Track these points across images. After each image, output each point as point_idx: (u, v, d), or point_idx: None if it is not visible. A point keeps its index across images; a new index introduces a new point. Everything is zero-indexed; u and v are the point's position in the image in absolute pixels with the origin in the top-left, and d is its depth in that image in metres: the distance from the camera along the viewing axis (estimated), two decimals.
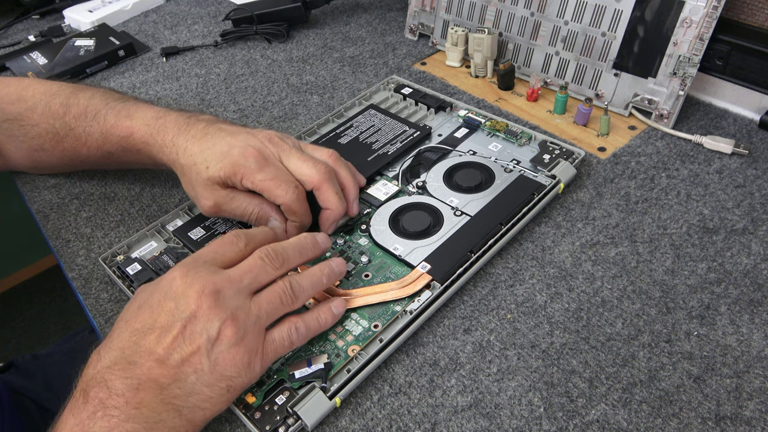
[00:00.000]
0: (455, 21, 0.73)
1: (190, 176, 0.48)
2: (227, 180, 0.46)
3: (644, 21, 0.58)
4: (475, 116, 0.61)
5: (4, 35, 0.92)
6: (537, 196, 0.52)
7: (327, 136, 0.61)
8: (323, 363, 0.41)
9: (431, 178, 0.55)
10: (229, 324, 0.36)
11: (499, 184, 0.53)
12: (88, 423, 0.34)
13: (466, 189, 0.53)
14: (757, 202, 0.53)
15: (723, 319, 0.44)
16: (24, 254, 1.70)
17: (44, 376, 0.72)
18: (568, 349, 0.43)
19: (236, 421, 0.40)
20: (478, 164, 0.56)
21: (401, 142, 0.59)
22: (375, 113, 0.63)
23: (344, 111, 0.66)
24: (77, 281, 0.52)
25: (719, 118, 0.62)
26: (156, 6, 0.95)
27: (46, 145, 0.57)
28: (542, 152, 0.57)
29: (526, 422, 0.39)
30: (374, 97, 0.67)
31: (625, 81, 0.61)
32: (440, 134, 0.61)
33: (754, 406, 0.39)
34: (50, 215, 0.59)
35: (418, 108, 0.65)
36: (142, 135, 0.51)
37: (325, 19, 0.87)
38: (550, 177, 0.54)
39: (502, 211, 0.51)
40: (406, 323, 0.43)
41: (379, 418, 0.40)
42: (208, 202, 0.48)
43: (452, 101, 0.64)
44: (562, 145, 0.57)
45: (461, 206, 0.52)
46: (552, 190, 0.53)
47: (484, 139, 0.60)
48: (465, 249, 0.48)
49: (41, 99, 0.56)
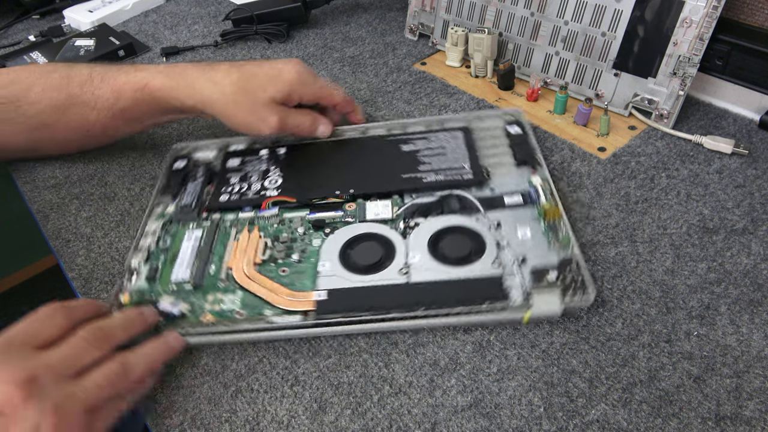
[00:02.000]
0: (455, 21, 0.73)
1: (246, 102, 0.52)
2: (287, 97, 0.54)
3: (644, 21, 0.58)
4: (541, 189, 0.51)
5: (4, 35, 0.92)
6: (486, 307, 0.43)
7: (396, 137, 0.59)
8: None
9: (420, 228, 0.50)
10: (49, 416, 0.31)
11: (473, 270, 0.46)
12: None
13: (441, 256, 0.47)
14: (757, 202, 0.53)
15: (723, 319, 0.44)
16: (24, 254, 1.70)
17: None
18: (568, 349, 0.43)
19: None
20: (479, 239, 0.48)
21: (446, 176, 0.53)
22: (459, 137, 0.57)
23: (435, 124, 0.60)
24: (77, 281, 0.52)
25: (719, 118, 0.62)
26: (156, 6, 0.95)
27: (49, 119, 0.58)
28: (558, 268, 0.45)
29: (526, 422, 0.39)
30: (481, 122, 0.60)
31: (625, 81, 0.61)
32: (492, 188, 0.52)
33: (754, 406, 0.39)
34: (50, 215, 0.59)
35: (504, 150, 0.56)
36: (159, 83, 0.54)
37: (325, 19, 0.87)
38: (525, 299, 0.43)
39: (436, 297, 0.44)
40: (261, 327, 0.44)
41: (379, 418, 0.40)
42: (273, 117, 0.53)
43: (540, 161, 0.54)
44: (583, 275, 0.45)
45: (419, 267, 0.46)
46: (512, 311, 0.43)
47: (526, 217, 0.49)
48: (367, 305, 0.44)
49: (38, 78, 0.57)
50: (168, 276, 0.48)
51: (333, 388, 0.42)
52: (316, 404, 0.41)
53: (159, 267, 0.49)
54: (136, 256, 0.50)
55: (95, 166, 0.63)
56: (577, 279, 0.44)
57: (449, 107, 0.67)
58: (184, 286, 0.47)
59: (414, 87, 0.71)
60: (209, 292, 0.47)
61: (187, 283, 0.47)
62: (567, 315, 0.44)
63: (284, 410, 0.41)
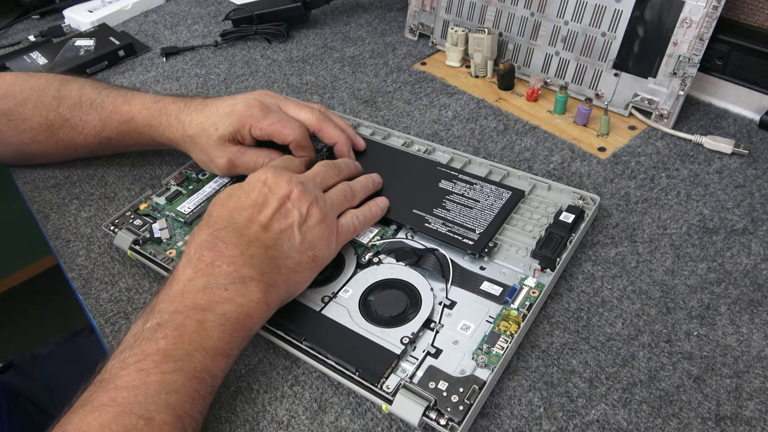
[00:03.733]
0: (455, 21, 0.73)
1: (201, 142, 0.53)
2: (236, 134, 0.52)
3: (644, 21, 0.58)
4: (522, 295, 0.44)
5: (4, 35, 0.92)
6: (357, 376, 0.40)
7: (446, 168, 0.55)
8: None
9: (378, 268, 0.47)
10: (314, 206, 0.44)
11: (383, 334, 0.42)
12: (207, 270, 0.40)
13: (367, 304, 0.45)
14: (757, 202, 0.53)
15: (723, 319, 0.44)
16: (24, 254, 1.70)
17: (44, 377, 0.72)
18: (568, 349, 0.43)
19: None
20: (416, 308, 0.44)
21: (450, 231, 0.49)
22: (504, 197, 0.51)
23: (498, 173, 0.55)
24: (77, 281, 0.52)
25: (719, 118, 0.62)
26: (156, 6, 0.95)
27: (39, 137, 0.59)
28: (453, 382, 0.39)
29: (526, 422, 0.39)
30: (547, 191, 0.53)
31: (625, 81, 0.61)
32: (483, 267, 0.47)
33: (754, 406, 0.39)
34: (50, 215, 0.59)
35: (535, 235, 0.49)
36: (144, 118, 0.55)
37: (325, 19, 0.87)
38: (395, 391, 0.39)
39: (326, 339, 0.42)
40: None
41: (379, 418, 0.40)
42: (222, 160, 0.53)
43: (558, 266, 0.46)
44: (471, 405, 0.38)
45: (340, 302, 0.45)
46: (374, 394, 0.40)
47: (482, 311, 0.44)
48: (273, 320, 0.43)
49: (31, 94, 0.58)
50: (177, 204, 0.54)
51: (333, 388, 0.42)
52: (316, 404, 0.41)
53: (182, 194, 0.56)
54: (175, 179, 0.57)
55: (95, 166, 0.63)
56: (457, 407, 0.38)
57: (449, 107, 0.67)
58: (180, 218, 0.53)
59: (414, 87, 0.71)
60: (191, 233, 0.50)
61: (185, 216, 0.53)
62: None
63: (284, 410, 0.41)
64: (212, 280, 0.39)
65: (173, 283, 0.40)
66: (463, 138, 0.62)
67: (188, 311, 0.38)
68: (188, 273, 0.40)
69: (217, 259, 0.40)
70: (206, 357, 0.37)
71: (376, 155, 0.56)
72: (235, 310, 0.39)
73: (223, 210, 0.43)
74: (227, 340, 0.39)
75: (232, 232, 0.42)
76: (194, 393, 0.36)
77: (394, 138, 0.60)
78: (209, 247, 0.41)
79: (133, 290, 0.50)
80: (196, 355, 0.37)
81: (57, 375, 0.73)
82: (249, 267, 0.40)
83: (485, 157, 0.59)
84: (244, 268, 0.40)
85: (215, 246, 0.41)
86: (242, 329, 0.40)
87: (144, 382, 0.35)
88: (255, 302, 0.40)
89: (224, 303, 0.39)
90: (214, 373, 0.38)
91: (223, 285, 0.39)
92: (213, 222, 0.43)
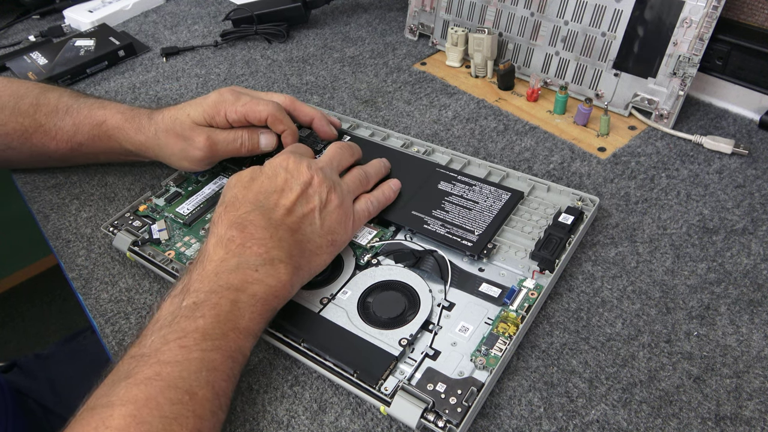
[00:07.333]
0: (455, 21, 0.73)
1: (176, 128, 0.53)
2: (211, 121, 0.52)
3: (644, 21, 0.58)
4: (521, 296, 0.44)
5: (4, 35, 0.92)
6: (355, 377, 0.40)
7: (444, 170, 0.54)
8: None
9: (376, 270, 0.47)
10: (333, 192, 0.46)
11: (381, 336, 0.42)
12: (238, 251, 0.41)
13: (366, 305, 0.45)
14: (757, 202, 0.53)
15: (723, 319, 0.44)
16: (24, 254, 1.70)
17: (47, 376, 0.72)
18: (568, 350, 0.43)
19: None
20: (414, 310, 0.44)
21: (449, 232, 0.49)
22: (502, 199, 0.51)
23: (497, 174, 0.55)
24: (77, 281, 0.52)
25: (719, 118, 0.62)
26: (156, 6, 0.95)
27: (14, 143, 0.59)
28: (453, 384, 0.39)
29: (526, 422, 0.39)
30: (546, 192, 0.53)
31: (625, 81, 0.61)
32: (482, 268, 0.47)
33: (754, 406, 0.39)
34: (50, 215, 0.59)
35: (534, 236, 0.49)
36: (116, 121, 0.55)
37: (325, 19, 0.87)
38: (393, 393, 0.39)
39: (325, 342, 0.42)
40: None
41: (379, 418, 0.40)
42: (200, 137, 0.52)
43: (557, 267, 0.46)
44: (470, 407, 0.38)
45: (339, 304, 0.45)
46: (372, 396, 0.40)
47: (481, 313, 0.44)
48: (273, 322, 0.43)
49: (9, 100, 0.59)
50: (176, 206, 0.55)
51: (333, 389, 0.42)
52: (315, 404, 0.41)
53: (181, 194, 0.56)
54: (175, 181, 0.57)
55: (95, 166, 0.63)
56: (455, 409, 0.38)
57: (449, 107, 0.67)
58: (179, 219, 0.53)
59: (414, 87, 0.71)
60: (190, 234, 0.52)
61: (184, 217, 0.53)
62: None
63: (284, 410, 0.41)
64: (243, 261, 0.41)
65: (205, 263, 0.41)
66: (463, 138, 0.63)
67: (223, 291, 0.40)
68: (220, 253, 0.41)
69: (248, 241, 0.42)
70: (239, 336, 0.39)
71: (376, 156, 0.56)
72: (264, 291, 0.41)
73: (247, 192, 0.45)
74: (256, 321, 0.40)
75: (260, 215, 0.43)
76: (229, 371, 0.38)
77: (393, 139, 0.60)
78: (240, 228, 0.42)
79: (133, 290, 0.50)
80: (231, 335, 0.39)
81: (60, 374, 0.73)
82: (278, 249, 0.42)
83: (485, 157, 0.59)
84: (273, 251, 0.42)
85: (245, 228, 0.42)
86: (269, 310, 0.41)
87: (187, 359, 0.36)
88: (282, 284, 0.41)
89: (255, 284, 0.40)
90: (244, 352, 0.40)
91: (254, 266, 0.41)
92: (240, 204, 0.44)
